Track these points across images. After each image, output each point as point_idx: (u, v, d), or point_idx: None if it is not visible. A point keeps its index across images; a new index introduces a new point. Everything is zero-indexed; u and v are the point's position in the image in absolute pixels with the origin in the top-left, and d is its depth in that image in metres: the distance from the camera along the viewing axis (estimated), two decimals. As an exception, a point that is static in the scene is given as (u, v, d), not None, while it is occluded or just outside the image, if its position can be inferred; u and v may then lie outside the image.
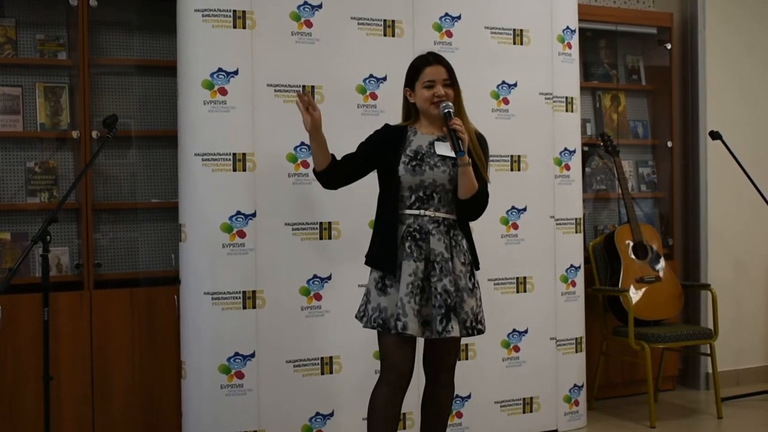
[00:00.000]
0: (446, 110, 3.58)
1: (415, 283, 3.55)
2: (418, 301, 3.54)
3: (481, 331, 3.65)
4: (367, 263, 3.71)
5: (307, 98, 3.63)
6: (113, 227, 4.70)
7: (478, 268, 3.75)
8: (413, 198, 3.64)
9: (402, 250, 3.60)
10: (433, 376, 3.78)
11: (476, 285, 3.67)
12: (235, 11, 4.26)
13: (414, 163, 3.63)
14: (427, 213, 3.62)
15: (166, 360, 4.52)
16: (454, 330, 3.52)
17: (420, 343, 3.73)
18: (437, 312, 3.53)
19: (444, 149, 3.63)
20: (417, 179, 3.62)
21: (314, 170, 3.76)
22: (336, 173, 3.74)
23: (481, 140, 3.71)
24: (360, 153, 3.75)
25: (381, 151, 3.71)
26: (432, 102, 3.64)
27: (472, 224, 4.64)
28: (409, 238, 3.60)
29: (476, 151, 3.64)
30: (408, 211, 3.64)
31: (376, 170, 3.75)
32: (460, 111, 3.68)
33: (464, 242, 3.68)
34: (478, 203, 3.64)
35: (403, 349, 3.62)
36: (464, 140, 3.50)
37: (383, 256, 3.63)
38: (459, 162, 3.53)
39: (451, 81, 3.69)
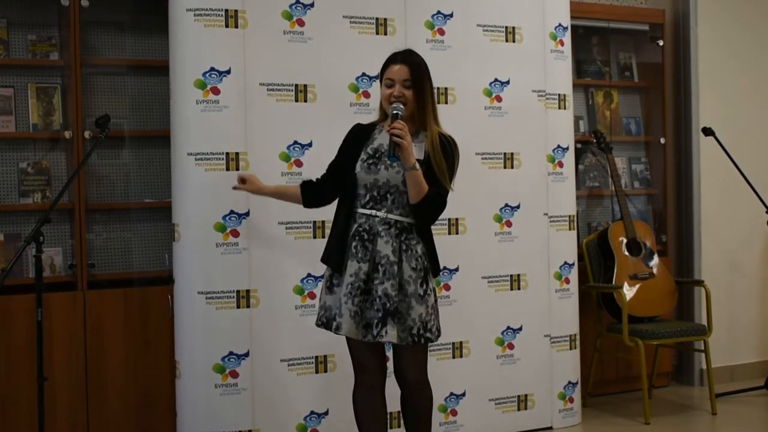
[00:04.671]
0: (393, 111, 3.52)
1: (356, 284, 3.52)
2: (356, 302, 3.51)
3: (429, 339, 3.55)
4: (321, 260, 3.72)
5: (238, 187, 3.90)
6: (106, 227, 4.70)
7: (436, 275, 3.66)
8: (368, 197, 3.60)
9: (349, 249, 3.58)
10: (401, 381, 3.72)
11: (429, 292, 3.56)
12: (227, 10, 4.25)
13: (371, 161, 3.60)
14: (379, 214, 3.57)
15: (160, 360, 4.52)
16: (389, 335, 3.47)
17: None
18: (374, 315, 3.50)
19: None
20: (371, 178, 3.58)
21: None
22: (318, 197, 3.82)
23: (446, 146, 3.58)
24: (335, 164, 3.76)
25: (349, 151, 3.69)
26: (389, 102, 3.58)
27: (467, 222, 4.65)
28: (356, 237, 3.57)
29: (436, 157, 3.54)
30: (361, 210, 3.60)
31: None
32: (423, 114, 3.59)
33: (419, 247, 3.57)
34: (426, 208, 3.52)
35: (369, 349, 3.64)
36: (402, 146, 3.41)
37: (332, 253, 3.64)
38: (404, 166, 3.46)
39: (414, 82, 3.57)
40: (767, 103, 6.29)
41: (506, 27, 4.88)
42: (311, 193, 3.81)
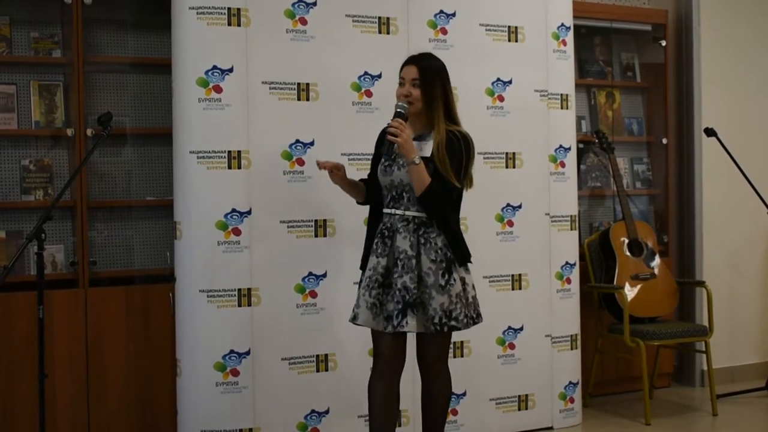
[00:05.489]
0: (397, 109, 3.67)
1: (373, 277, 3.69)
2: (374, 294, 3.68)
3: (454, 327, 3.67)
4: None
5: (324, 166, 3.84)
6: (108, 225, 4.70)
7: (462, 264, 3.72)
8: (389, 197, 3.77)
9: (372, 246, 3.77)
10: (421, 371, 3.86)
11: (452, 282, 3.66)
12: (229, 9, 4.25)
13: (387, 164, 3.75)
14: (398, 212, 3.72)
15: (161, 358, 4.52)
16: (409, 325, 3.61)
17: (412, 339, 3.81)
18: (395, 307, 3.64)
19: (417, 150, 3.68)
20: (388, 179, 3.75)
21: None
22: (371, 196, 3.91)
23: (452, 141, 3.66)
24: (371, 172, 3.92)
25: (378, 156, 3.84)
26: (398, 99, 3.73)
27: (468, 221, 4.66)
28: (379, 235, 3.75)
29: (439, 154, 3.62)
30: (385, 210, 3.77)
31: None
32: (432, 113, 3.69)
33: (439, 240, 3.68)
34: (428, 200, 3.63)
35: (390, 338, 3.73)
36: (398, 143, 3.57)
37: (363, 252, 3.84)
38: (405, 161, 3.61)
39: (422, 82, 3.69)
40: (770, 103, 6.30)
41: (509, 27, 4.88)
42: (370, 192, 3.91)
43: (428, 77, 3.69)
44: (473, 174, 3.81)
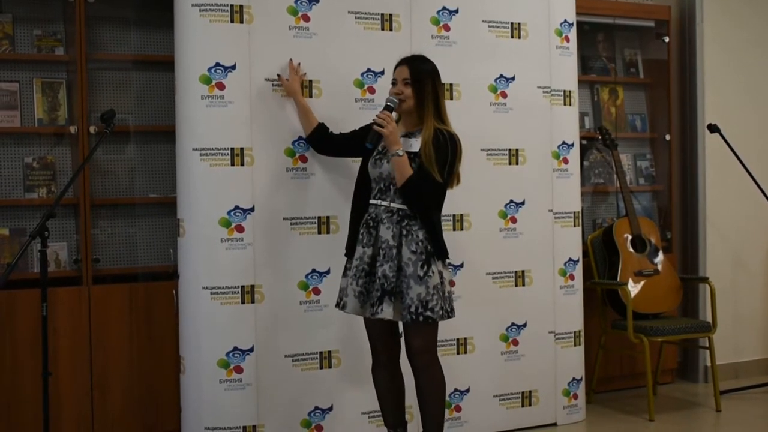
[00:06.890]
0: (387, 102, 3.86)
1: (360, 267, 3.84)
2: (360, 283, 3.83)
3: (430, 318, 3.75)
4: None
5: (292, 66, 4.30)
6: (111, 222, 4.70)
7: (441, 258, 3.83)
8: (377, 189, 3.92)
9: (358, 236, 3.91)
10: (410, 363, 3.94)
11: (431, 274, 3.76)
12: (232, 6, 4.25)
13: (377, 156, 3.92)
14: (383, 203, 3.86)
15: (165, 355, 4.53)
16: (385, 312, 3.75)
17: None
18: (375, 294, 3.80)
19: (406, 145, 3.83)
20: (377, 171, 3.90)
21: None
22: (320, 143, 4.28)
23: (439, 139, 3.78)
24: (350, 135, 4.17)
25: (364, 129, 4.03)
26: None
27: (471, 218, 4.67)
28: (365, 225, 3.90)
29: (426, 149, 3.76)
30: (372, 201, 3.92)
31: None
32: (422, 111, 3.84)
33: (421, 232, 3.80)
34: (408, 191, 3.77)
35: (377, 329, 3.98)
36: (383, 134, 3.76)
37: (347, 241, 4.00)
38: (389, 153, 3.79)
39: (413, 81, 3.85)
40: (773, 99, 6.29)
41: (512, 23, 4.87)
42: (318, 137, 4.26)
43: (420, 76, 3.85)
44: (460, 174, 3.94)
